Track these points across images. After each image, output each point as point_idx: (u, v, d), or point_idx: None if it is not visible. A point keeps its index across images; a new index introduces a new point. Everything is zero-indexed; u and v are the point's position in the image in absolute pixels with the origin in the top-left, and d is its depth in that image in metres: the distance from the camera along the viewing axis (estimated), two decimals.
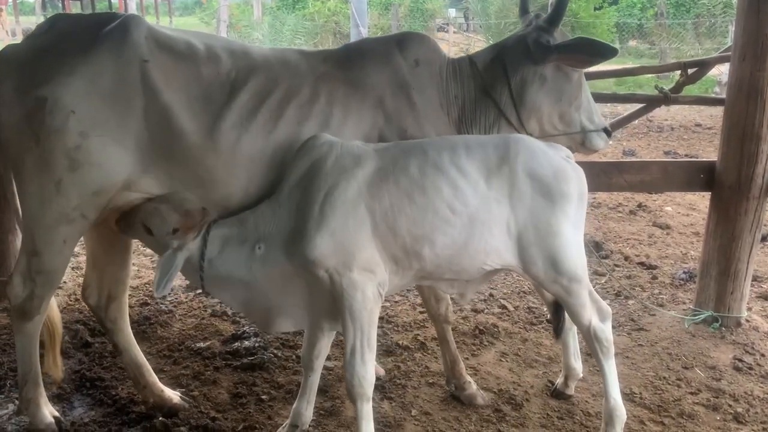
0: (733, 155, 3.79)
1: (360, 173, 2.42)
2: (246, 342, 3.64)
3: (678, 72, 4.28)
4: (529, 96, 2.88)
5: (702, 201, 6.38)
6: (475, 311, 4.14)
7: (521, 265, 2.53)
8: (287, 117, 2.59)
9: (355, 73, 2.75)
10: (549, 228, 2.47)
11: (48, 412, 2.84)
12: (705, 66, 4.36)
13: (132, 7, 16.80)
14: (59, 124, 2.40)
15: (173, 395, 3.07)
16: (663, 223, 6.04)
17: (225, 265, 2.49)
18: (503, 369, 3.49)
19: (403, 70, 2.79)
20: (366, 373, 2.43)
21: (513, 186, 2.46)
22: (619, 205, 6.59)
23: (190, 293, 4.33)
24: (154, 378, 3.05)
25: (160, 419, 2.90)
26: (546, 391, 3.27)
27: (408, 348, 3.68)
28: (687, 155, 8.68)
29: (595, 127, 3.00)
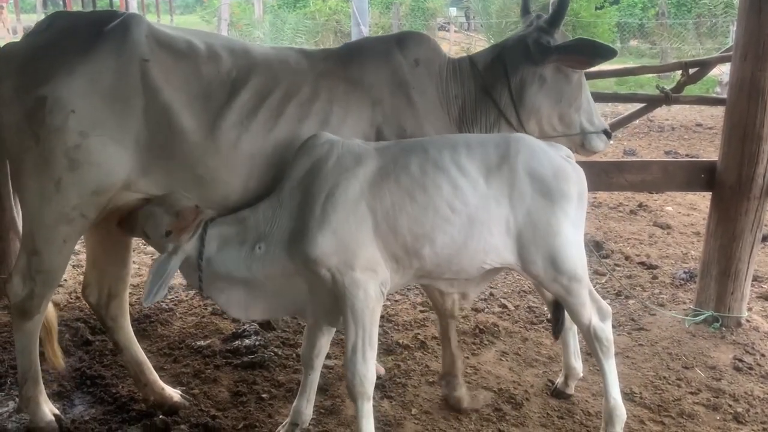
0: (734, 155, 3.79)
1: (361, 172, 2.42)
2: (246, 340, 3.65)
3: (679, 72, 4.28)
4: (529, 97, 2.88)
5: (703, 201, 6.38)
6: (476, 310, 4.14)
7: (521, 264, 2.53)
8: (287, 115, 2.58)
9: (355, 72, 2.75)
10: (549, 227, 2.47)
11: (48, 409, 2.84)
12: (706, 66, 4.36)
13: (133, 5, 16.77)
14: (59, 123, 2.39)
15: (173, 393, 3.07)
16: (663, 223, 6.04)
17: (224, 265, 2.47)
18: (503, 368, 3.49)
19: (403, 69, 2.79)
20: (367, 372, 2.43)
21: (513, 185, 2.46)
22: (620, 205, 6.59)
23: (190, 291, 4.33)
24: (154, 376, 3.05)
25: (160, 417, 2.90)
26: (546, 391, 3.27)
27: (408, 347, 3.68)
28: (688, 155, 8.68)
29: (595, 129, 3.00)
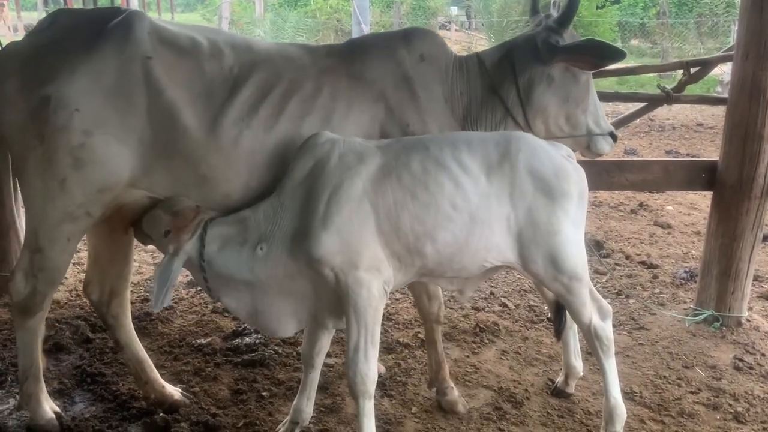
0: (735, 155, 3.79)
1: (364, 170, 2.41)
2: (247, 339, 3.65)
3: (680, 71, 4.28)
4: (537, 96, 2.85)
5: (703, 200, 6.38)
6: (476, 309, 4.15)
7: (521, 263, 2.53)
8: (289, 112, 2.57)
9: (358, 67, 2.73)
10: (549, 226, 2.47)
11: (49, 407, 2.84)
12: (707, 65, 4.35)
13: (134, 3, 16.77)
14: (63, 122, 2.39)
15: (174, 391, 3.07)
16: (664, 223, 6.04)
17: (226, 266, 2.47)
18: (504, 367, 3.49)
19: (407, 64, 2.77)
20: (369, 371, 2.42)
21: (514, 183, 2.46)
22: (621, 204, 6.59)
23: (191, 289, 4.33)
24: (155, 374, 3.05)
25: (160, 415, 2.91)
26: (546, 390, 3.27)
27: (409, 345, 3.68)
28: (688, 154, 8.68)
29: (601, 131, 2.98)
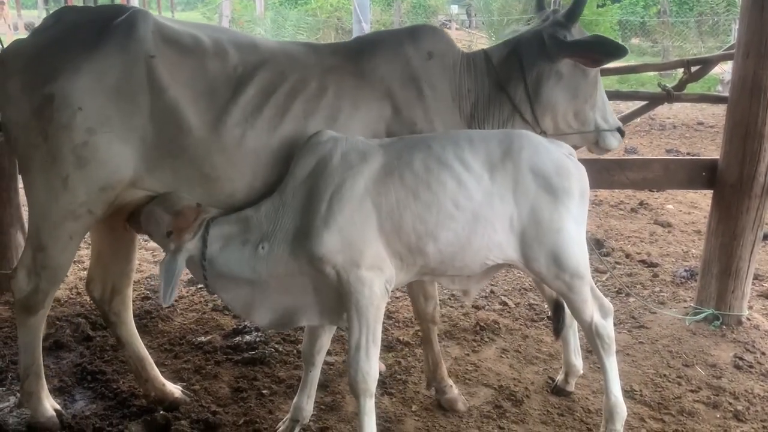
0: (736, 153, 3.79)
1: (366, 169, 2.40)
2: (247, 336, 3.65)
3: (681, 70, 4.28)
4: (545, 92, 2.83)
5: (703, 199, 6.38)
6: (476, 308, 4.15)
7: (523, 261, 2.52)
8: (293, 112, 2.55)
9: (365, 65, 2.71)
10: (552, 224, 2.47)
11: (49, 405, 2.85)
12: (708, 64, 4.35)
13: (134, 0, 16.75)
14: (66, 120, 2.39)
15: (174, 389, 3.08)
16: (664, 221, 6.04)
17: (227, 265, 2.47)
18: (504, 365, 3.49)
19: (415, 62, 2.73)
20: (370, 369, 2.42)
21: (516, 181, 2.45)
22: (621, 203, 6.59)
23: (191, 287, 4.34)
24: (155, 372, 3.06)
25: (161, 413, 2.91)
26: (546, 388, 3.27)
27: (409, 344, 3.68)
28: (689, 153, 8.67)
29: (609, 127, 2.97)
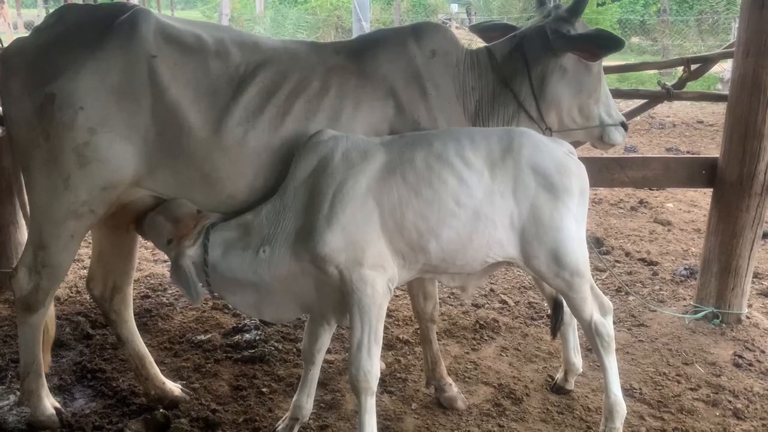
0: (735, 152, 3.79)
1: (368, 167, 2.40)
2: (246, 335, 3.66)
3: (681, 68, 4.28)
4: (550, 88, 2.81)
5: (703, 198, 6.38)
6: (476, 306, 4.15)
7: (523, 259, 2.52)
8: (295, 112, 2.54)
9: (368, 64, 2.69)
10: (552, 222, 2.47)
11: (49, 403, 2.85)
12: (708, 62, 4.35)
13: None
14: (68, 120, 2.39)
15: (174, 387, 3.08)
16: (664, 220, 6.04)
17: (230, 270, 2.47)
18: (503, 364, 3.50)
19: (418, 60, 2.71)
20: (371, 368, 2.42)
21: (517, 179, 2.45)
22: (621, 202, 6.59)
23: None
24: (155, 370, 3.05)
25: (160, 411, 2.91)
26: (546, 386, 3.28)
27: (408, 342, 3.68)
28: (689, 152, 8.68)
29: (613, 121, 2.96)
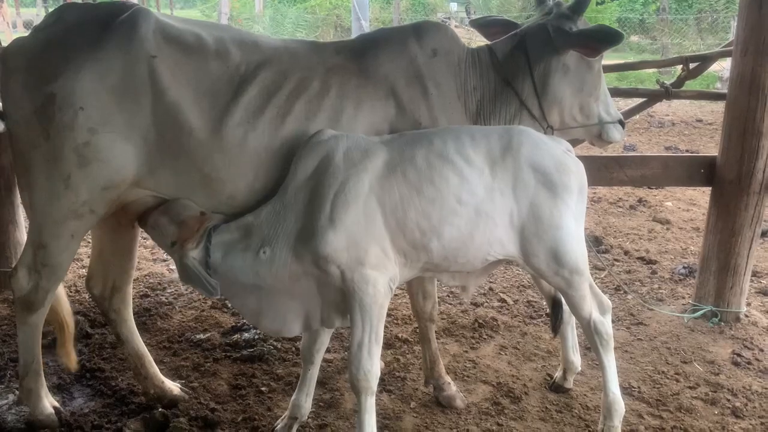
0: (734, 150, 3.79)
1: (370, 166, 2.40)
2: (245, 334, 3.66)
3: (680, 67, 4.28)
4: (553, 86, 2.81)
5: (702, 196, 6.38)
6: (475, 305, 4.15)
7: (523, 257, 2.53)
8: (295, 113, 2.53)
9: (369, 63, 2.68)
10: (551, 220, 2.47)
11: (48, 402, 2.85)
12: (707, 61, 4.36)
13: None
14: (68, 120, 2.38)
15: (173, 386, 3.08)
16: (663, 218, 6.05)
17: (231, 272, 2.47)
18: (502, 362, 3.50)
19: (419, 59, 2.71)
20: (372, 367, 2.42)
21: (517, 177, 2.46)
22: (620, 200, 6.59)
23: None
24: (154, 369, 3.06)
25: (160, 410, 2.91)
26: (545, 385, 3.28)
27: (407, 341, 3.69)
28: (688, 150, 8.68)
29: (612, 119, 2.97)
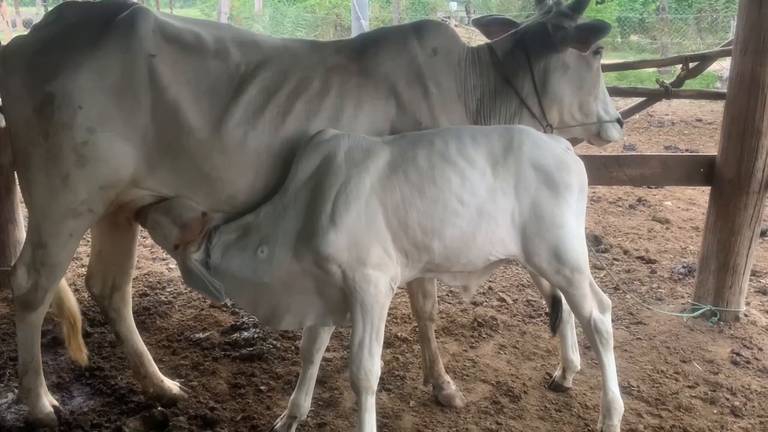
0: (734, 150, 3.79)
1: (371, 166, 2.39)
2: (245, 333, 3.66)
3: (679, 66, 4.28)
4: (552, 84, 2.82)
5: (702, 196, 6.38)
6: (474, 304, 4.15)
7: (524, 256, 2.53)
8: (295, 112, 2.53)
9: (369, 63, 2.68)
10: (552, 219, 2.47)
11: (47, 401, 2.85)
12: (706, 60, 4.36)
13: None
14: (67, 119, 2.38)
15: (173, 385, 3.08)
16: (662, 218, 6.05)
17: (230, 271, 2.47)
18: (501, 361, 3.50)
19: (420, 58, 2.71)
20: (372, 367, 2.42)
21: (518, 176, 2.46)
22: (619, 200, 6.59)
23: None
24: (154, 368, 3.06)
25: (159, 409, 2.91)
26: (544, 384, 3.28)
27: (407, 340, 3.69)
28: (687, 150, 8.67)
29: (610, 118, 2.99)
